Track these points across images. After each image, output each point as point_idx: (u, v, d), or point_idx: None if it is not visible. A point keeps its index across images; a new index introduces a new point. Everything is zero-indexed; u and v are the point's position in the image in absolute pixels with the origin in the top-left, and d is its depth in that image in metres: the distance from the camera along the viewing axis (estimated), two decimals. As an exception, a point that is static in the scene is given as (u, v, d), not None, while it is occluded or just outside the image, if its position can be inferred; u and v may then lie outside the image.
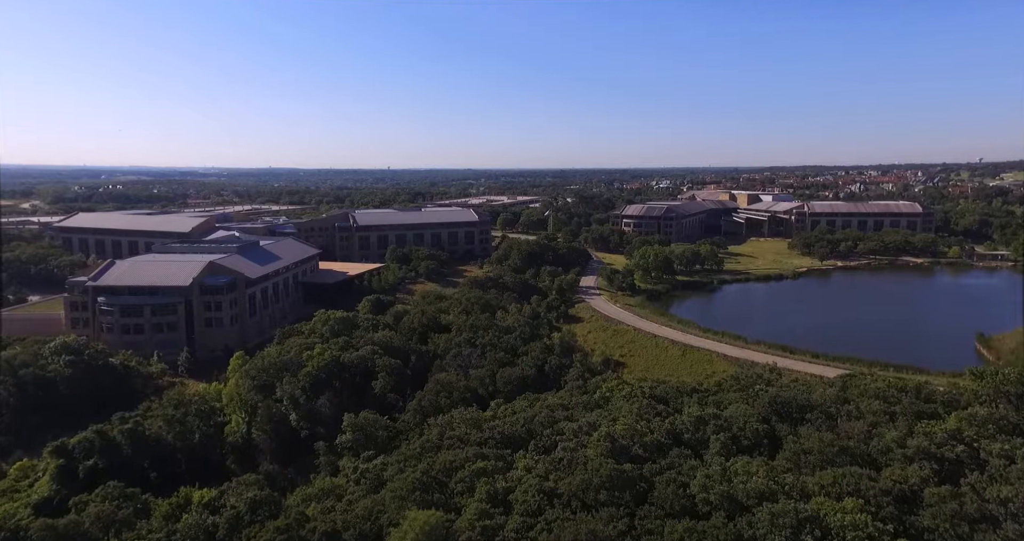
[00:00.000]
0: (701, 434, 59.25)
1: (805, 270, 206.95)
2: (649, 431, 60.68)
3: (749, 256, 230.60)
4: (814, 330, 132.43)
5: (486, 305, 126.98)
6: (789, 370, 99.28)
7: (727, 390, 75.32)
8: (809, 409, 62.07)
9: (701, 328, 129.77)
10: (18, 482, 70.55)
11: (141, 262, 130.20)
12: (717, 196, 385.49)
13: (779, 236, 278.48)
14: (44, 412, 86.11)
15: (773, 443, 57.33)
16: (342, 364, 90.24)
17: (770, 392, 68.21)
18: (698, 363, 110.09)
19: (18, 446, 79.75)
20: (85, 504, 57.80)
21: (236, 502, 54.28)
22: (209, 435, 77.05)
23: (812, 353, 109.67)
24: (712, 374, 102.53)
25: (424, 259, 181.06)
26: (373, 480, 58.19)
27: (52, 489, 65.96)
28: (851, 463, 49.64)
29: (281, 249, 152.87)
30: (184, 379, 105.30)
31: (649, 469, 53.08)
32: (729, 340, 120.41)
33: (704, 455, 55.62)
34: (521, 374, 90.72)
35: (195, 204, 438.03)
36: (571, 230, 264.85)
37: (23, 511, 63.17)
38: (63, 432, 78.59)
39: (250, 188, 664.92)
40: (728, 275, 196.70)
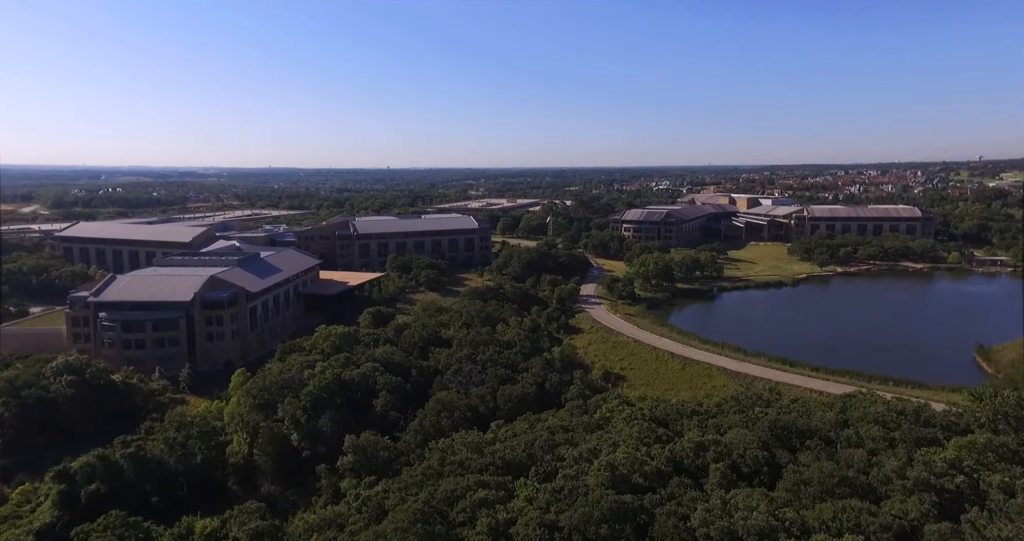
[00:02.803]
0: (701, 461, 59.43)
1: (805, 277, 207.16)
2: (649, 458, 60.87)
3: (749, 262, 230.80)
4: (813, 341, 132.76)
5: (487, 318, 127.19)
6: (788, 386, 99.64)
7: (727, 412, 75.54)
8: (809, 434, 62.26)
9: (701, 339, 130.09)
10: (20, 507, 70.68)
11: (142, 276, 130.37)
12: (717, 200, 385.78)
13: (779, 240, 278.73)
14: (46, 433, 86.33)
15: (773, 471, 57.50)
16: (343, 382, 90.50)
17: (770, 415, 68.41)
18: (698, 377, 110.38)
19: (20, 468, 79.93)
20: (87, 535, 58.07)
21: (238, 533, 54.53)
22: (211, 457, 77.29)
23: (811, 366, 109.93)
24: (712, 389, 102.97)
25: (424, 268, 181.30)
26: (375, 509, 58.43)
27: (54, 516, 66.18)
28: (851, 494, 49.81)
29: (282, 260, 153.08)
30: (186, 395, 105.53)
31: (650, 500, 53.28)
32: (729, 352, 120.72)
33: (705, 484, 55.84)
34: (522, 392, 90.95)
35: (195, 208, 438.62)
36: (571, 236, 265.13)
37: (26, 538, 63.46)
38: (65, 453, 78.89)
39: (250, 190, 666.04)
40: (728, 282, 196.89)
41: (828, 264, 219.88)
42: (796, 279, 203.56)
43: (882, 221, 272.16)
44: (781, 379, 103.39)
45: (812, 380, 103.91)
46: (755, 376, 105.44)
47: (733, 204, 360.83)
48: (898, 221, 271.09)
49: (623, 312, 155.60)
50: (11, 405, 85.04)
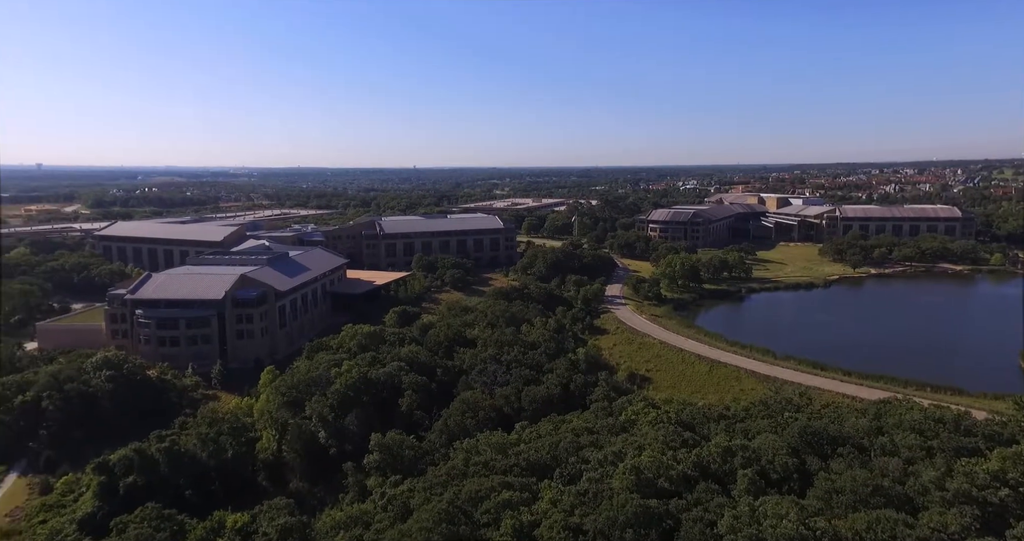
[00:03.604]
0: (729, 466, 58.53)
1: (837, 278, 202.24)
2: (675, 462, 60.16)
3: (778, 263, 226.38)
4: (846, 344, 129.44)
5: (511, 318, 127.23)
6: (819, 390, 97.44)
7: (755, 416, 74.25)
8: (841, 441, 60.78)
9: (728, 341, 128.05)
10: (64, 497, 73.51)
11: (176, 275, 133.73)
12: (745, 199, 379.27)
13: (809, 241, 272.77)
14: (87, 426, 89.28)
15: (803, 478, 56.32)
16: (369, 381, 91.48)
17: (800, 421, 67.03)
18: (725, 380, 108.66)
19: (64, 459, 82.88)
20: (125, 525, 59.95)
21: (267, 528, 55.59)
22: (241, 453, 78.98)
23: (844, 371, 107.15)
24: (740, 393, 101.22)
25: (450, 267, 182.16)
26: (400, 507, 58.97)
27: (95, 506, 68.56)
28: (886, 505, 48.49)
29: (310, 260, 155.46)
30: (217, 391, 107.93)
31: (676, 505, 52.66)
32: (757, 355, 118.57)
33: (732, 490, 54.96)
34: (546, 393, 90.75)
35: (226, 208, 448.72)
36: (596, 235, 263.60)
37: (69, 528, 66.00)
38: (105, 446, 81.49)
39: (279, 190, 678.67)
40: (756, 283, 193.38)
41: (861, 265, 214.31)
42: (828, 281, 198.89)
43: (919, 221, 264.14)
44: (812, 383, 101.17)
45: (844, 385, 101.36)
46: (784, 380, 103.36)
47: (762, 204, 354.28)
48: (936, 221, 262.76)
49: (649, 313, 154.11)
50: (55, 398, 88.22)
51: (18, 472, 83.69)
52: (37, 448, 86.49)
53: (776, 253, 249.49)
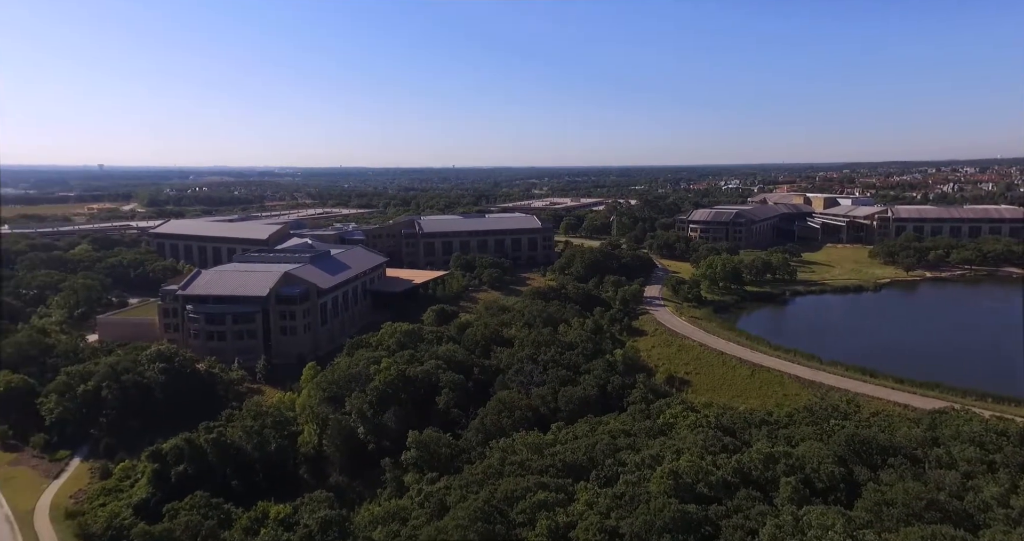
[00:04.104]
0: (771, 473, 56.97)
1: (888, 281, 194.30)
2: (715, 467, 58.95)
3: (825, 265, 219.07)
4: (898, 350, 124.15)
5: (548, 318, 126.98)
6: (868, 398, 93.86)
7: (799, 423, 72.09)
8: (892, 452, 58.37)
9: (771, 345, 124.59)
10: (121, 482, 77.44)
11: (224, 271, 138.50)
12: (790, 199, 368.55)
13: (859, 243, 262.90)
14: (142, 415, 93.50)
15: (851, 488, 54.32)
16: (408, 378, 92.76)
17: (847, 428, 64.76)
18: (768, 385, 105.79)
19: (121, 446, 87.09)
20: (177, 512, 62.62)
21: (308, 520, 57.04)
22: (284, 446, 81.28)
23: (895, 378, 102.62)
24: (783, 398, 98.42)
25: (487, 267, 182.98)
26: (436, 504, 59.61)
27: (149, 492, 71.89)
28: (942, 520, 46.21)
29: (351, 258, 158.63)
30: (262, 385, 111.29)
31: (715, 511, 51.61)
32: (802, 360, 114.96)
33: (774, 498, 53.49)
34: (583, 394, 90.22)
35: (272, 206, 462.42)
36: (635, 236, 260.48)
37: (126, 511, 69.49)
38: (158, 434, 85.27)
39: (322, 189, 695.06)
40: (801, 286, 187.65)
41: (915, 268, 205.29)
42: (878, 284, 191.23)
43: (980, 222, 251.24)
44: (860, 390, 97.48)
45: (896, 393, 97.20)
46: (830, 386, 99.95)
47: (808, 204, 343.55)
48: (1000, 222, 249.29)
49: (689, 315, 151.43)
50: (113, 388, 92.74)
51: (81, 457, 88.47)
52: (97, 435, 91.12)
53: (822, 255, 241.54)
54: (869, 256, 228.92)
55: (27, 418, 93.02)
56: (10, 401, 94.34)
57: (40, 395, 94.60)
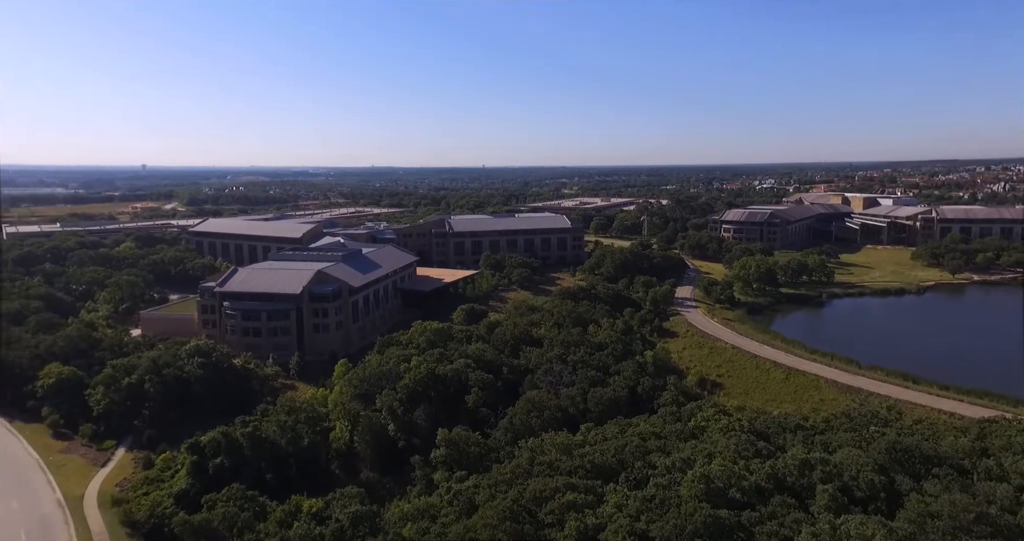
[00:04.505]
0: (807, 480, 55.57)
1: (932, 284, 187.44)
2: (748, 473, 57.82)
3: (864, 267, 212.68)
4: (942, 356, 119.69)
5: (578, 318, 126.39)
6: (910, 405, 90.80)
7: (837, 429, 70.18)
8: (937, 462, 56.14)
9: (807, 348, 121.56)
10: (163, 472, 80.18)
11: (259, 269, 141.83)
12: (828, 199, 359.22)
13: (900, 244, 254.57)
14: (182, 408, 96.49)
15: (892, 498, 52.55)
16: (437, 377, 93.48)
17: (888, 436, 62.71)
18: (803, 389, 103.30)
19: (163, 438, 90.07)
20: (214, 503, 64.47)
21: (340, 515, 58.00)
22: (316, 441, 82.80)
23: (940, 384, 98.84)
24: (819, 403, 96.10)
25: (517, 266, 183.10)
26: (465, 503, 59.90)
27: (188, 482, 74.17)
28: (992, 535, 44.15)
29: (382, 257, 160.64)
30: (295, 381, 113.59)
31: (748, 517, 50.59)
32: (839, 364, 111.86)
33: (810, 506, 52.15)
34: (613, 395, 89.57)
35: (305, 206, 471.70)
36: (666, 236, 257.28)
37: (167, 501, 71.97)
38: (196, 427, 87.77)
39: (354, 189, 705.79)
40: (839, 288, 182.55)
41: (962, 271, 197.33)
42: (921, 287, 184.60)
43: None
44: (902, 397, 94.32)
45: (940, 400, 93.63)
46: (870, 391, 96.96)
47: (847, 204, 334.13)
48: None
49: (721, 316, 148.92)
50: (155, 381, 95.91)
51: (126, 447, 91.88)
52: (140, 426, 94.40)
53: (862, 256, 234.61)
54: (911, 258, 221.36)
55: (76, 408, 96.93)
56: (61, 392, 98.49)
57: (88, 386, 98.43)
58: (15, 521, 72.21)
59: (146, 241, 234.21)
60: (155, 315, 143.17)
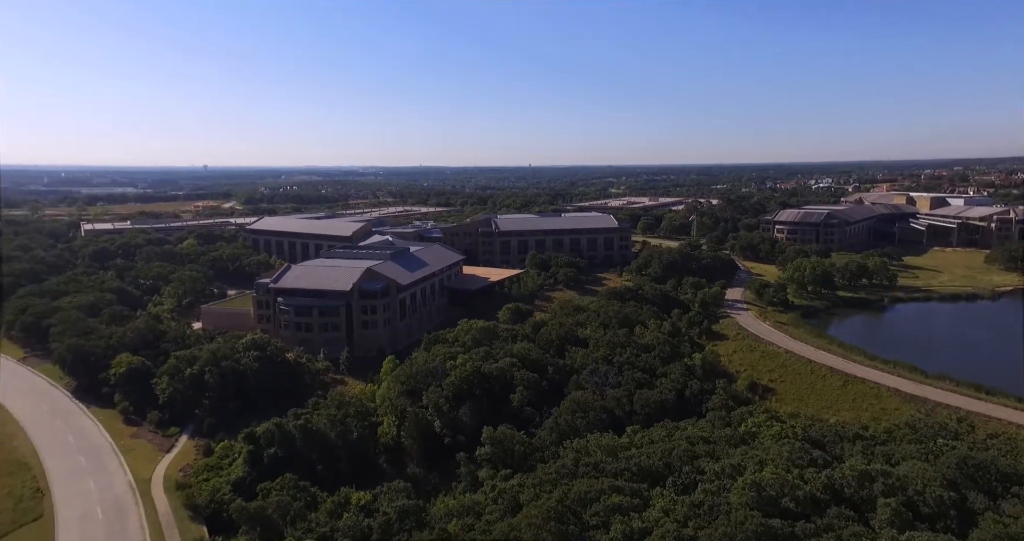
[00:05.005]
0: (867, 493, 53.18)
1: (1009, 289, 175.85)
2: (802, 482, 55.80)
3: (931, 270, 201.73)
4: (1020, 366, 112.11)
5: (624, 319, 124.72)
6: (983, 417, 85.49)
7: (900, 440, 66.83)
8: (1016, 479, 52.63)
9: (867, 354, 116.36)
10: (222, 460, 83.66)
11: (311, 266, 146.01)
12: (891, 199, 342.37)
13: (972, 247, 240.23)
14: (239, 399, 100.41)
15: (964, 517, 49.60)
16: (482, 375, 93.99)
17: (959, 450, 59.31)
18: (863, 397, 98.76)
19: (221, 427, 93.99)
20: (269, 491, 66.88)
21: (387, 508, 59.07)
22: (364, 435, 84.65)
23: (1017, 397, 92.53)
24: (880, 412, 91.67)
25: (563, 266, 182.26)
26: (510, 501, 60.02)
27: (244, 471, 77.18)
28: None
29: (429, 255, 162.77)
30: (344, 376, 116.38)
31: (802, 529, 48.83)
32: (903, 372, 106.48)
33: (871, 519, 49.86)
34: (659, 398, 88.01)
35: (355, 204, 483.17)
36: (716, 236, 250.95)
37: (225, 487, 75.20)
38: (252, 418, 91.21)
39: (402, 188, 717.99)
40: (903, 292, 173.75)
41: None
42: (996, 292, 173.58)
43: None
44: (974, 409, 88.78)
45: (1018, 413, 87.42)
46: (937, 402, 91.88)
47: (912, 204, 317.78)
48: None
49: (773, 320, 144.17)
50: (214, 373, 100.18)
51: (188, 434, 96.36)
52: (201, 415, 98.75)
53: (928, 259, 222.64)
54: (985, 262, 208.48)
55: (144, 396, 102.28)
56: (131, 380, 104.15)
57: (155, 376, 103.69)
58: (93, 499, 77.11)
59: (206, 238, 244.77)
60: (214, 309, 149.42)
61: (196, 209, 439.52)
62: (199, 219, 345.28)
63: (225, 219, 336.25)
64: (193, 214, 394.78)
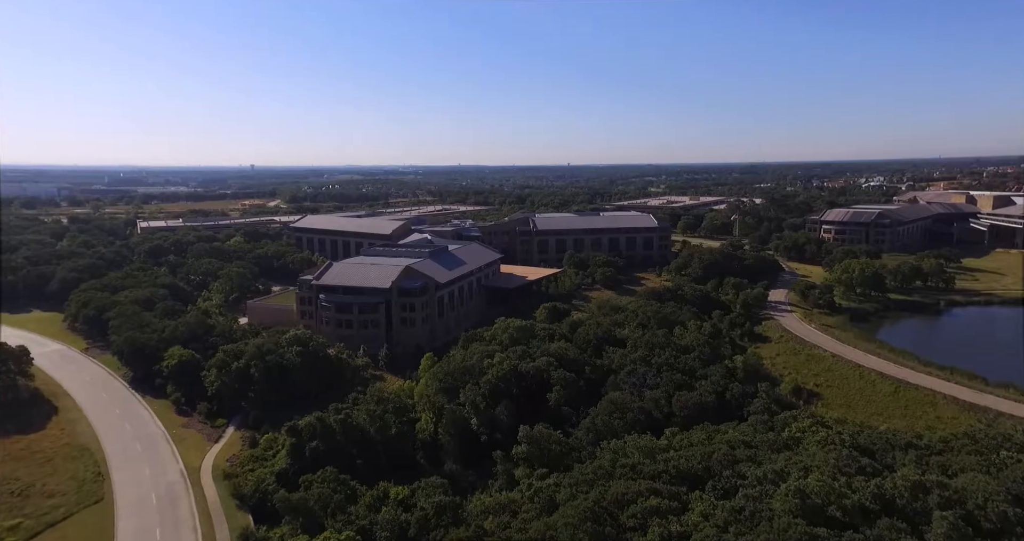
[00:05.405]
0: (920, 505, 50.78)
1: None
2: (850, 490, 53.67)
3: (993, 273, 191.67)
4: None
5: (663, 320, 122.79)
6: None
7: (958, 451, 63.61)
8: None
9: (921, 360, 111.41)
10: (266, 451, 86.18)
11: (352, 264, 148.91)
12: (948, 198, 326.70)
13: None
14: (282, 392, 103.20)
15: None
16: (520, 373, 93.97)
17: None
18: (916, 405, 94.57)
19: (266, 420, 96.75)
20: (310, 483, 68.54)
21: (424, 504, 59.72)
22: (403, 431, 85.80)
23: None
24: (935, 421, 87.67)
25: (601, 266, 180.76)
26: (546, 500, 59.84)
27: (287, 463, 79.27)
28: None
29: (467, 254, 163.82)
30: (383, 372, 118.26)
31: (850, 539, 47.04)
32: (961, 379, 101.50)
33: (925, 533, 47.63)
34: (699, 400, 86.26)
35: (395, 203, 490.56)
36: (759, 236, 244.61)
37: (269, 478, 77.46)
38: (295, 411, 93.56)
39: (441, 187, 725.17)
40: (961, 295, 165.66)
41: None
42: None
43: None
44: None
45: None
46: (999, 412, 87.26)
47: (972, 203, 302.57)
48: None
49: (819, 322, 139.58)
50: (259, 367, 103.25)
51: (235, 426, 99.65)
52: (247, 407, 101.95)
53: (990, 261, 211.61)
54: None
55: (194, 387, 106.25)
56: (182, 372, 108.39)
57: (204, 368, 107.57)
58: (148, 485, 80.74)
59: (252, 236, 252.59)
60: (259, 305, 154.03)
61: (243, 207, 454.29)
62: (246, 217, 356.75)
63: (270, 217, 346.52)
64: (240, 212, 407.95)
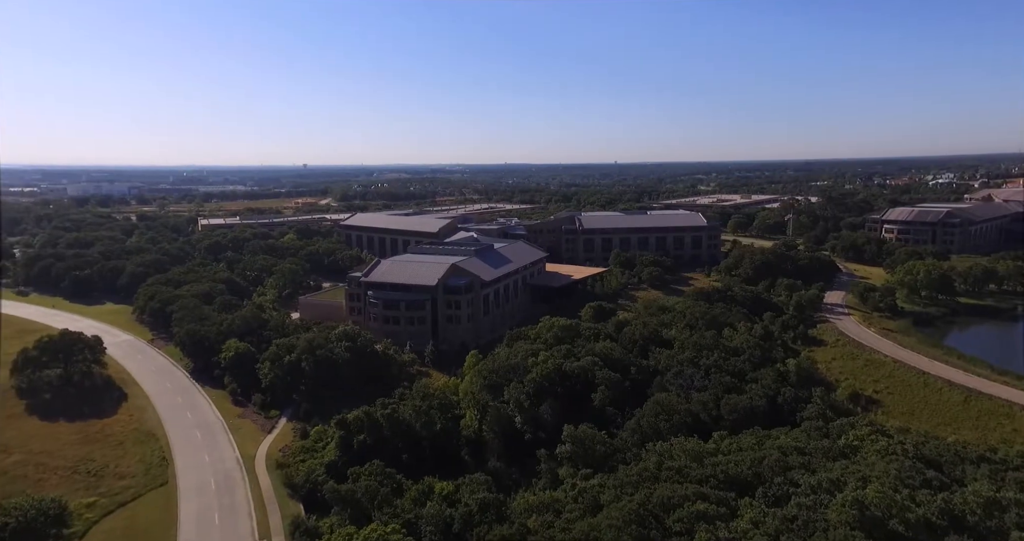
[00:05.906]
0: (995, 523, 47.88)
1: None
2: (914, 504, 51.07)
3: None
4: None
5: (712, 321, 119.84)
6: None
7: (1035, 466, 59.51)
8: None
9: (994, 368, 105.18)
10: (316, 443, 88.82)
11: (399, 261, 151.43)
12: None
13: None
14: (331, 386, 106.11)
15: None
16: (564, 373, 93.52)
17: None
18: (989, 416, 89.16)
19: (316, 413, 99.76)
20: (358, 476, 70.24)
21: (468, 500, 60.20)
22: (448, 427, 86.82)
23: None
24: (1011, 433, 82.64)
25: (648, 265, 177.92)
26: (590, 501, 59.35)
27: (336, 455, 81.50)
28: None
29: (512, 252, 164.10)
30: (429, 369, 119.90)
31: (913, 555, 44.69)
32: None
33: (996, 552, 44.82)
34: (749, 403, 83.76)
35: (442, 202, 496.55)
36: (815, 236, 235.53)
37: (319, 469, 79.92)
38: (343, 405, 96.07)
39: (487, 185, 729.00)
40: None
41: None
42: None
43: None
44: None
45: None
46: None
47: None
48: None
49: (879, 326, 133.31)
50: (309, 361, 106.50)
51: (287, 417, 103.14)
52: (298, 400, 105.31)
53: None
54: None
55: (249, 379, 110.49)
56: (238, 364, 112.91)
57: (258, 361, 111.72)
58: (207, 472, 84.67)
59: (304, 233, 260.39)
60: (310, 301, 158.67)
61: (296, 205, 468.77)
62: (298, 215, 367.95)
63: (321, 215, 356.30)
64: (293, 210, 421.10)
